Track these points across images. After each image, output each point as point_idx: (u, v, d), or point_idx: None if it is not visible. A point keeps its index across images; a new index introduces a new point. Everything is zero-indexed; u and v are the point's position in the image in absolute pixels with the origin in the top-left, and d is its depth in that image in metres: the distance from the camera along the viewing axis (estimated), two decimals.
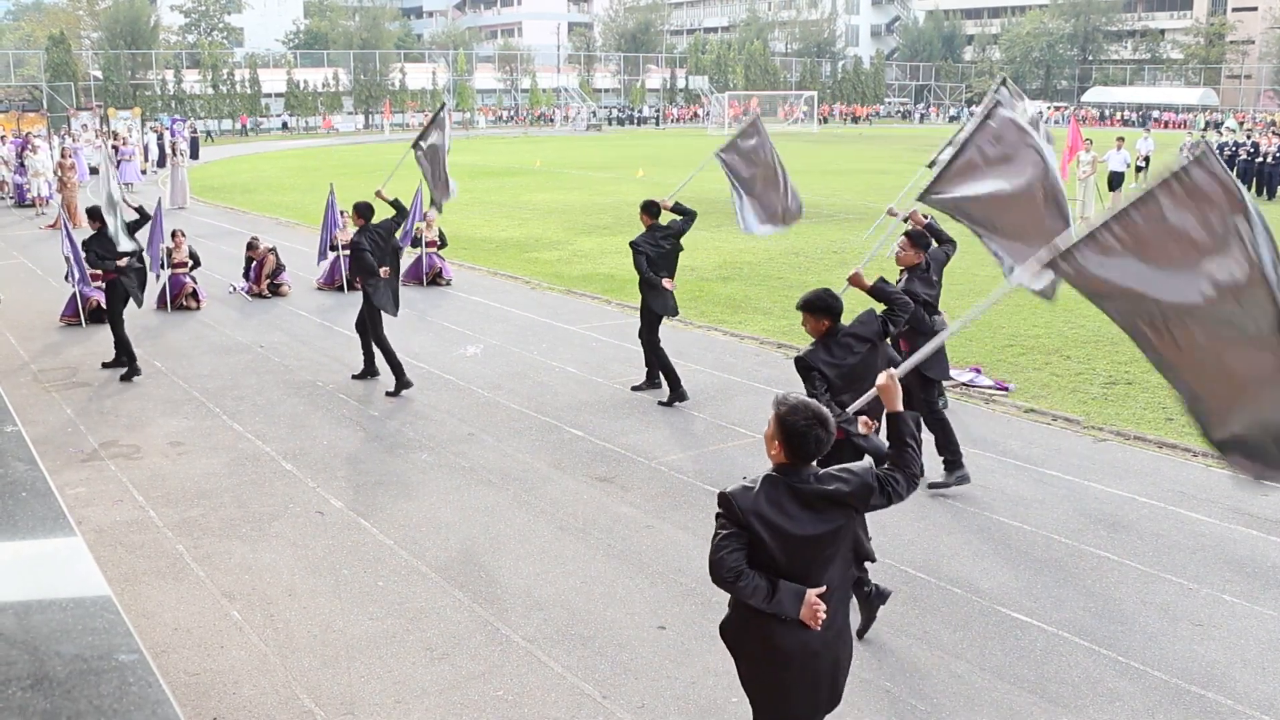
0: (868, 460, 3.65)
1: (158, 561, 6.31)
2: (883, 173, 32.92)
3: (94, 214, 10.48)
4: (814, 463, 3.47)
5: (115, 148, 30.36)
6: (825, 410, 3.47)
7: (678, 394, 9.37)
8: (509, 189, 28.46)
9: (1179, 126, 65.43)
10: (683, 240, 9.65)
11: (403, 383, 9.66)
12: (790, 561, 3.41)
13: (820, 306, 5.41)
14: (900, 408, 3.63)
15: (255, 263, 14.56)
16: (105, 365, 10.53)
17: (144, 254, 10.86)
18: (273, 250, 14.77)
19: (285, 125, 63.79)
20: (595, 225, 21.12)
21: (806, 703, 3.57)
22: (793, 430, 3.40)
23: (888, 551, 6.33)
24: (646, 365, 9.80)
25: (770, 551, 3.39)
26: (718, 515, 3.48)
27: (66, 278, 12.92)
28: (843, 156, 40.67)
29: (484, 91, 75.88)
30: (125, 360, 10.27)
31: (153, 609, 5.70)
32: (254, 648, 5.33)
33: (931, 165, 6.68)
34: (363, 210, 9.82)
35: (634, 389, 9.83)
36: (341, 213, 14.62)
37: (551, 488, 7.50)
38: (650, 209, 9.49)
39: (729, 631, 3.64)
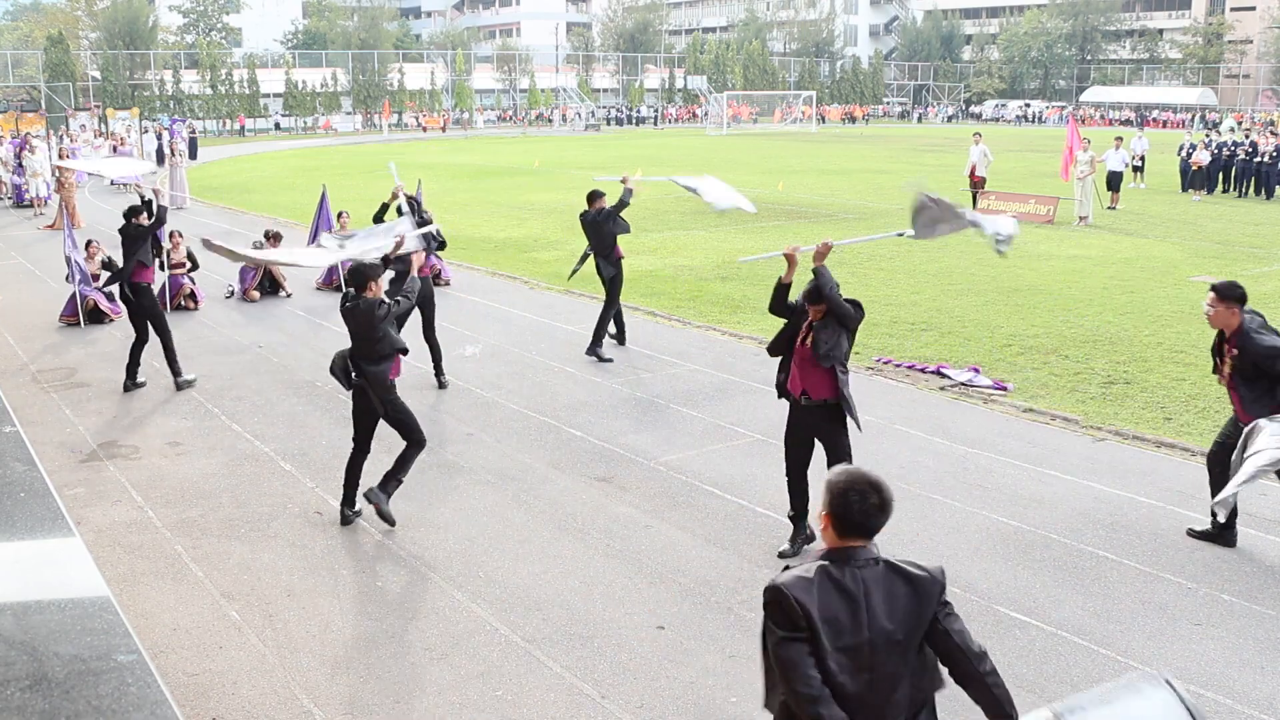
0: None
1: (156, 562, 6.31)
2: (882, 172, 32.93)
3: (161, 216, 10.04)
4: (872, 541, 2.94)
5: (114, 147, 30.38)
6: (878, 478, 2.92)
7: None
8: (508, 189, 28.46)
9: (1177, 126, 65.46)
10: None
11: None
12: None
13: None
14: None
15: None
16: (185, 384, 10.10)
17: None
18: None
19: (278, 126, 63.71)
20: None
21: None
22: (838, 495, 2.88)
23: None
24: (602, 332, 10.78)
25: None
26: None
27: (67, 278, 12.91)
28: (842, 156, 40.69)
29: (482, 91, 75.91)
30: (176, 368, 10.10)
31: (151, 609, 5.70)
32: (253, 648, 5.33)
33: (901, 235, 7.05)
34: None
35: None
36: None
37: (550, 488, 7.50)
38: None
39: None
